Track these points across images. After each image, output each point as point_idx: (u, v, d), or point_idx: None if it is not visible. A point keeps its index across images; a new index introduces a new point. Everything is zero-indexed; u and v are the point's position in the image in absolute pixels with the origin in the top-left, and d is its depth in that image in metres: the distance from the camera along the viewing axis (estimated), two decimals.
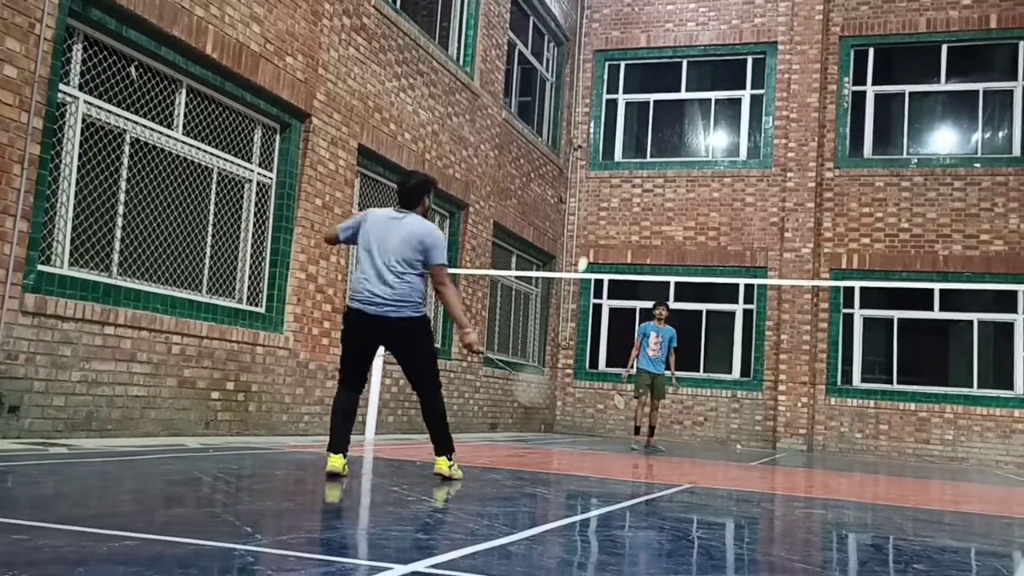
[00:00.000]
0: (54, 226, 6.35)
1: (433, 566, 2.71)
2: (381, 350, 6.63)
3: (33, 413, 5.98)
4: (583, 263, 13.84)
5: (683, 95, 16.45)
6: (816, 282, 14.05)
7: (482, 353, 6.35)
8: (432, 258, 5.14)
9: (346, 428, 5.11)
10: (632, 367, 11.67)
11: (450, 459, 5.39)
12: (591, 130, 16.59)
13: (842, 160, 15.25)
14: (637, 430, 11.67)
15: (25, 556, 2.47)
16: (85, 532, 2.88)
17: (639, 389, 11.46)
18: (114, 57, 6.82)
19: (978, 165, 14.62)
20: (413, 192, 5.30)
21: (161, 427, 7.09)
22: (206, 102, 7.78)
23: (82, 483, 4.25)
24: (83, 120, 6.54)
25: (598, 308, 16.29)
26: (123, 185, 6.95)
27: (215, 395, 7.66)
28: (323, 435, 8.98)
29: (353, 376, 5.23)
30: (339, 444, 5.03)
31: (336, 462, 4.97)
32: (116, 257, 6.88)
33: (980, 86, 15.03)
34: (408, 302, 5.09)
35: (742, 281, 14.60)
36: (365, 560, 2.84)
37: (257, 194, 8.45)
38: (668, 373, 11.49)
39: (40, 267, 6.11)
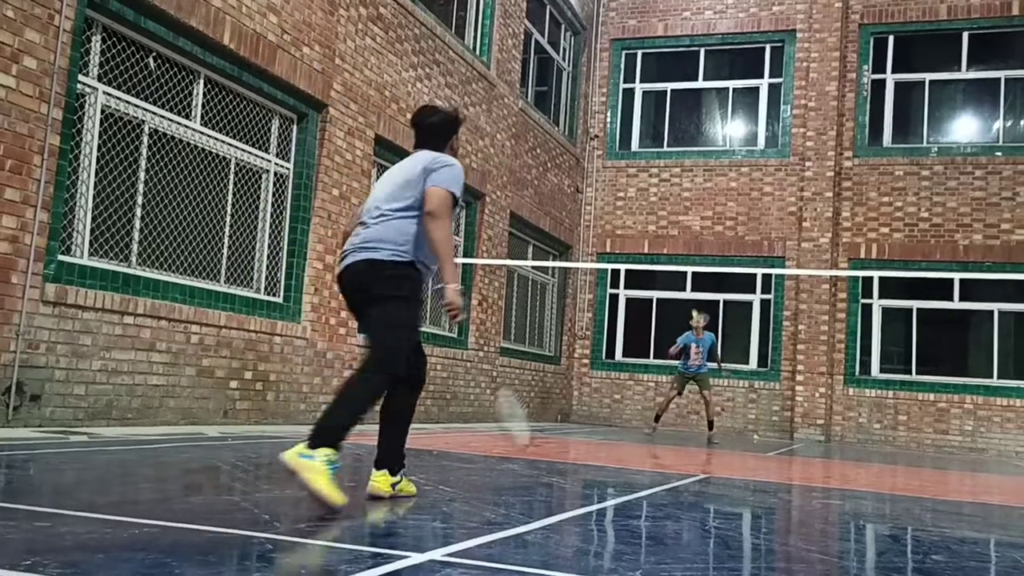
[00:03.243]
0: (74, 216, 6.39)
1: (450, 555, 2.72)
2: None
3: (54, 402, 6.04)
4: None
5: (700, 84, 16.36)
6: (834, 272, 13.97)
7: (459, 321, 4.82)
8: (434, 180, 3.73)
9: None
10: (672, 352, 12.19)
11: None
12: (608, 119, 16.53)
13: (861, 149, 15.14)
14: (657, 418, 11.95)
15: (47, 542, 2.49)
16: (106, 519, 2.90)
17: (675, 385, 12.14)
18: (132, 48, 6.85)
19: (999, 154, 14.47)
20: (433, 131, 4.06)
21: (180, 416, 7.14)
22: (224, 92, 7.81)
23: (102, 471, 4.29)
24: (102, 111, 6.58)
25: (615, 298, 16.26)
26: (142, 175, 6.99)
27: (233, 384, 7.71)
28: None
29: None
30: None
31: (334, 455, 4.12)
32: (135, 247, 6.93)
33: (1001, 74, 14.86)
34: (384, 244, 3.73)
35: (760, 271, 14.53)
36: (382, 548, 2.85)
37: (275, 184, 8.48)
38: (712, 366, 12.04)
39: (60, 257, 6.15)
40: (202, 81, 7.55)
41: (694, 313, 12.04)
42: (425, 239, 3.73)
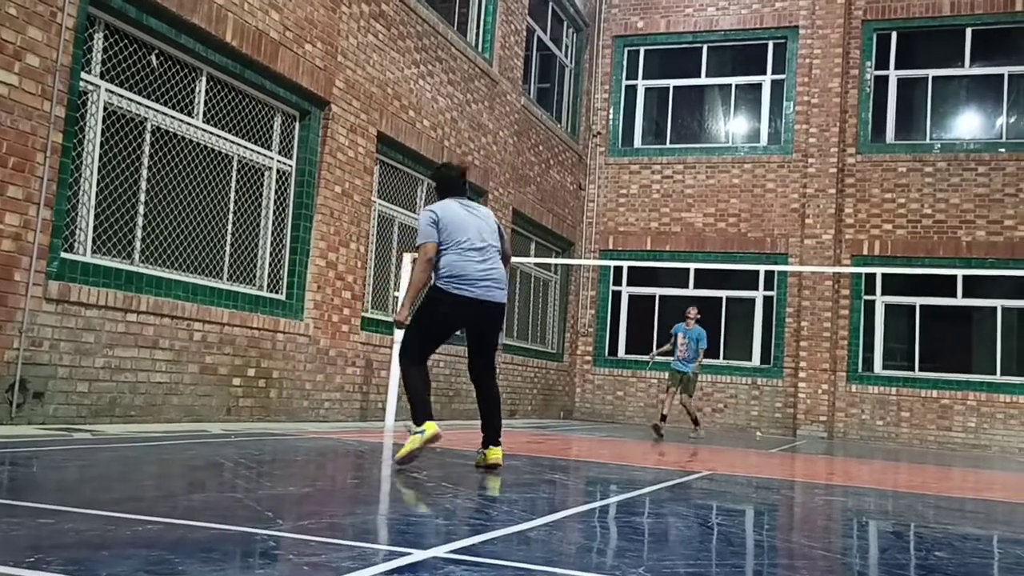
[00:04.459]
0: (77, 214, 6.40)
1: (453, 551, 2.73)
2: (398, 334, 6.55)
3: (57, 399, 6.05)
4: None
5: (703, 81, 16.35)
6: (837, 268, 13.95)
7: None
8: (505, 246, 5.37)
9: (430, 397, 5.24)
10: (653, 356, 12.43)
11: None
12: (610, 116, 16.52)
13: (864, 145, 15.12)
14: (663, 417, 12.01)
15: (50, 539, 2.50)
16: (109, 516, 2.91)
17: (669, 383, 12.10)
18: (135, 45, 6.85)
19: (1003, 150, 14.45)
20: (464, 181, 5.45)
21: (183, 413, 7.15)
22: (226, 90, 7.81)
23: (106, 468, 4.30)
24: (104, 108, 6.58)
25: (617, 295, 16.26)
26: (144, 173, 6.99)
27: (236, 381, 7.72)
28: (343, 421, 9.04)
29: (427, 355, 5.31)
30: (431, 412, 5.10)
31: (435, 427, 5.05)
32: (138, 244, 6.93)
33: (1005, 70, 14.83)
34: (503, 286, 5.22)
35: (762, 268, 14.51)
36: (385, 545, 2.85)
37: (277, 182, 8.48)
38: (693, 367, 11.82)
39: (63, 254, 6.16)
40: (204, 78, 7.55)
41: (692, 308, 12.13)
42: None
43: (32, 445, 4.87)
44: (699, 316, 12.00)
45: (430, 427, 4.95)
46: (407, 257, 9.28)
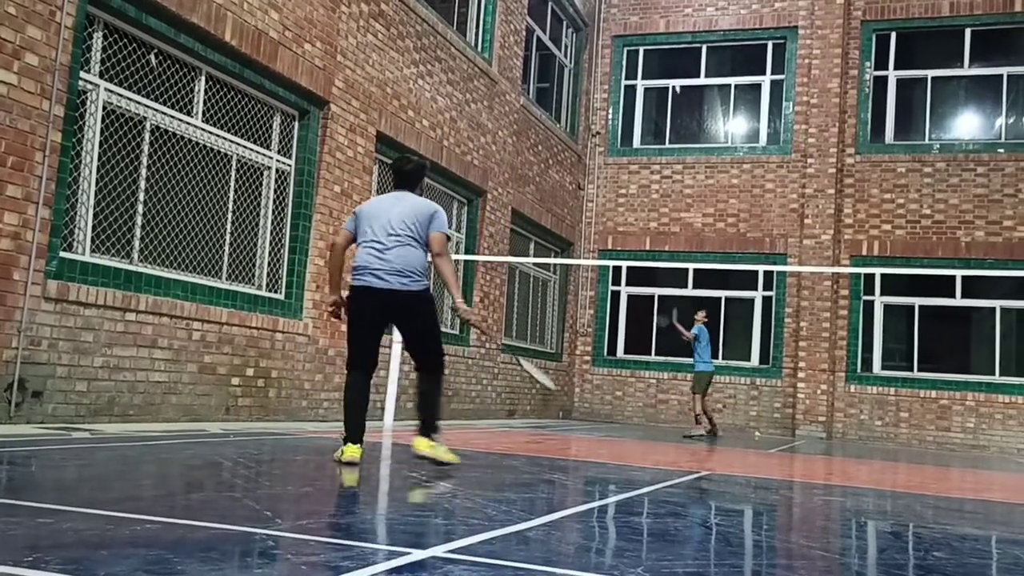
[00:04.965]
0: (76, 213, 6.40)
1: (451, 551, 2.73)
2: (397, 335, 6.58)
3: (56, 398, 6.05)
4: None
5: (702, 81, 16.35)
6: (836, 269, 13.95)
7: (488, 333, 5.94)
8: (436, 226, 5.04)
9: (363, 417, 5.00)
10: (673, 319, 12.86)
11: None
12: (609, 116, 16.52)
13: (863, 146, 15.12)
14: (708, 417, 12.56)
15: (49, 539, 2.50)
16: (108, 516, 2.91)
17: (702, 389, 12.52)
18: (134, 45, 6.85)
19: (1002, 151, 14.46)
20: (413, 174, 5.26)
21: (182, 412, 7.15)
22: (225, 89, 7.81)
23: (104, 468, 4.30)
24: (103, 107, 6.58)
25: (616, 295, 16.26)
26: (143, 172, 6.99)
27: (235, 381, 7.72)
28: (342, 421, 9.02)
29: (364, 359, 5.05)
30: (358, 434, 4.95)
31: (356, 452, 4.92)
32: (137, 244, 6.93)
33: (1004, 70, 14.84)
34: (413, 274, 4.96)
35: (761, 268, 14.52)
36: (384, 545, 2.85)
37: (276, 181, 8.48)
38: (704, 367, 12.49)
39: (62, 254, 6.16)
40: (203, 78, 7.55)
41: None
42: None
43: (31, 444, 4.87)
44: (704, 318, 12.62)
45: (348, 451, 4.90)
46: None
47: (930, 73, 15.19)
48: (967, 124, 15.44)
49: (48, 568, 2.14)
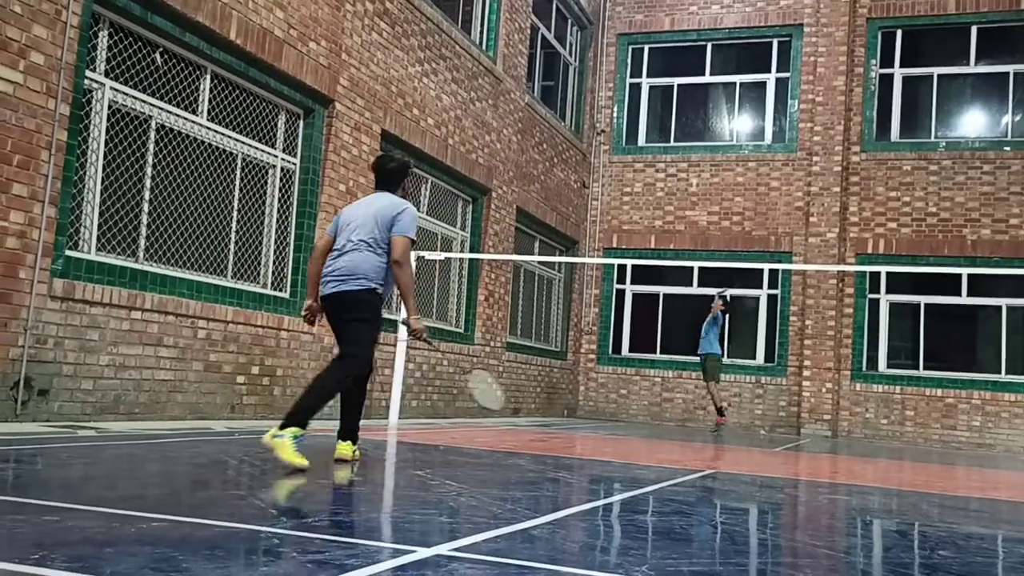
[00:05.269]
0: (81, 212, 6.41)
1: (456, 549, 2.73)
2: (402, 333, 6.55)
3: (62, 396, 6.06)
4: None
5: (707, 79, 16.32)
6: (842, 267, 13.93)
7: (430, 344, 5.67)
8: (397, 228, 4.87)
9: (311, 402, 4.80)
10: (724, 295, 13.01)
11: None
12: (614, 114, 16.50)
13: (869, 144, 15.09)
14: (720, 411, 12.81)
15: (55, 537, 2.50)
16: (114, 514, 2.91)
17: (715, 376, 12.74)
18: (139, 43, 6.86)
19: (1008, 148, 14.41)
20: (395, 173, 5.17)
21: (188, 411, 7.16)
22: (230, 88, 7.81)
23: (110, 466, 4.30)
24: (109, 106, 6.59)
25: (621, 293, 16.25)
26: (149, 171, 7.00)
27: (240, 379, 7.73)
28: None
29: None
30: (292, 418, 4.65)
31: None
32: (142, 242, 6.94)
33: (1010, 68, 14.78)
34: (354, 275, 4.82)
35: (766, 266, 14.47)
36: (388, 543, 2.85)
37: (281, 180, 8.49)
38: (713, 350, 12.72)
39: (68, 252, 6.17)
40: (209, 76, 7.56)
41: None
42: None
43: (37, 442, 4.88)
44: (723, 305, 12.79)
45: (269, 434, 4.57)
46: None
47: (936, 71, 15.15)
48: (973, 122, 15.38)
49: (54, 566, 2.15)
